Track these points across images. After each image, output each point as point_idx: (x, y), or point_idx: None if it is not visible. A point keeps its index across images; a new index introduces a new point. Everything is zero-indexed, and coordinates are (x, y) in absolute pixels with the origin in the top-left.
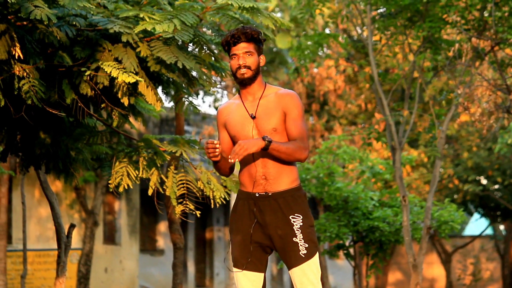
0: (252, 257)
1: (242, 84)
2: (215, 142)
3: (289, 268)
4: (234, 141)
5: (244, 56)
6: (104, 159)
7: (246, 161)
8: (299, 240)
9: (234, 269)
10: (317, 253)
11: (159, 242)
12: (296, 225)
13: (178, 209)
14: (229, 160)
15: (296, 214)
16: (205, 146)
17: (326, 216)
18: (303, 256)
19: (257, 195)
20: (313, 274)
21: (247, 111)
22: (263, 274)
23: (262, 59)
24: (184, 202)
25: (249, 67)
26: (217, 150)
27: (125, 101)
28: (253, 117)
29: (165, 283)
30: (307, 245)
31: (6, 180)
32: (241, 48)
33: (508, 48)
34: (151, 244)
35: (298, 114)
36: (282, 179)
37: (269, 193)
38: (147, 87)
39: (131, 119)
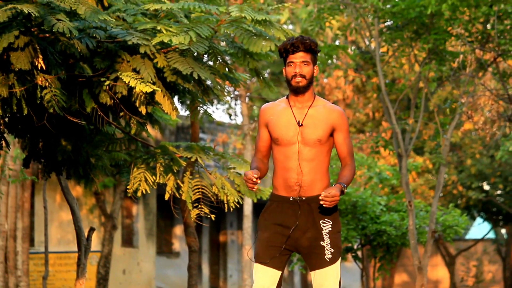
0: (274, 254)
1: (296, 91)
2: (255, 178)
3: (312, 269)
4: (275, 142)
5: (301, 65)
6: (122, 165)
7: (282, 167)
8: (326, 244)
9: (255, 264)
10: (340, 258)
11: (175, 245)
12: (325, 229)
13: (194, 213)
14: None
15: (326, 219)
16: (245, 179)
17: None
18: (328, 260)
19: (291, 199)
20: (333, 278)
21: (295, 117)
22: (281, 272)
23: (316, 70)
24: (200, 206)
25: (304, 76)
26: (256, 186)
27: (143, 109)
28: (300, 125)
29: (180, 285)
30: (332, 250)
31: (29, 185)
32: (299, 57)
33: (510, 59)
34: (167, 247)
35: (347, 131)
36: (315, 185)
37: (303, 198)
38: (164, 96)
39: (148, 127)
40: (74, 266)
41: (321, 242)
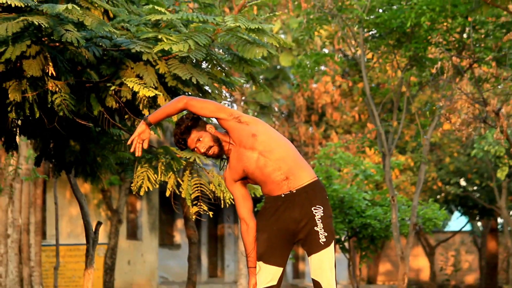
0: (276, 253)
1: (219, 157)
2: None
3: (309, 254)
4: (252, 179)
5: (199, 145)
6: (127, 164)
7: (266, 173)
8: (320, 229)
9: (259, 262)
10: (334, 241)
11: (176, 238)
12: (318, 215)
13: (193, 210)
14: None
15: (317, 206)
16: None
17: None
18: (323, 244)
19: (283, 196)
20: (329, 260)
21: (227, 160)
22: (282, 269)
23: (211, 128)
24: (199, 204)
25: (208, 148)
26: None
27: (146, 112)
28: (225, 164)
29: (181, 274)
30: (326, 234)
31: (40, 183)
32: (191, 142)
33: (485, 66)
34: (169, 239)
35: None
36: (301, 174)
37: (294, 191)
38: (165, 100)
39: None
40: (83, 257)
41: (315, 228)
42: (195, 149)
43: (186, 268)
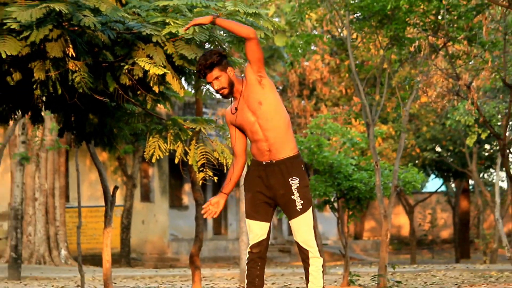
0: (260, 210)
1: (226, 98)
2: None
3: (289, 219)
4: (242, 130)
5: (215, 82)
6: (140, 135)
7: (253, 140)
8: (296, 198)
9: (246, 219)
10: (311, 208)
11: (184, 200)
12: (294, 185)
13: (200, 176)
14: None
15: (294, 177)
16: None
17: (316, 178)
18: (299, 210)
19: (264, 163)
20: (306, 225)
21: (236, 106)
22: (268, 223)
23: (231, 71)
24: (204, 170)
25: (221, 89)
26: (209, 212)
27: (156, 89)
28: (235, 111)
29: (189, 232)
30: (302, 202)
31: (63, 152)
32: (210, 77)
33: (457, 44)
34: (178, 201)
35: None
36: (283, 149)
37: (273, 161)
38: (173, 77)
39: (161, 103)
40: (102, 217)
41: (292, 196)
42: (210, 83)
43: (194, 226)
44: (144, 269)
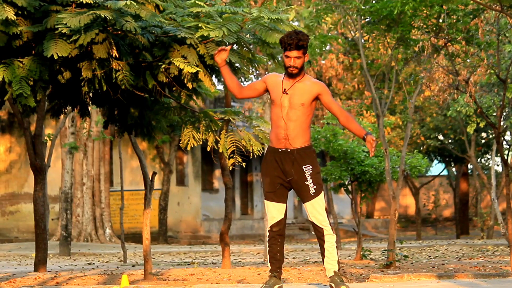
0: (277, 192)
1: (290, 76)
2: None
3: (303, 202)
4: (272, 103)
5: (295, 59)
6: (175, 126)
7: (274, 125)
8: (309, 183)
9: (265, 201)
10: (323, 192)
11: (215, 184)
12: (307, 172)
13: (230, 162)
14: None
15: (307, 165)
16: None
17: (331, 164)
18: (312, 194)
19: (280, 150)
20: (320, 207)
21: (282, 86)
22: (285, 204)
23: (307, 57)
24: (234, 156)
25: (296, 67)
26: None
27: (190, 85)
28: (285, 92)
29: (219, 212)
30: (315, 187)
31: (108, 142)
32: (292, 53)
33: (456, 44)
34: (210, 185)
35: (331, 95)
36: (298, 139)
37: (289, 149)
38: (205, 75)
39: (194, 98)
40: (142, 200)
41: (306, 182)
42: (288, 57)
43: (223, 207)
44: (179, 246)
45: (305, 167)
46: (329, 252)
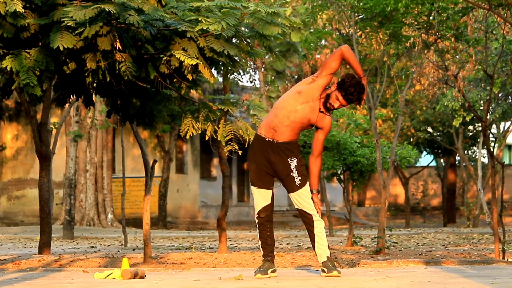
0: (263, 179)
1: (327, 110)
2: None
3: (289, 192)
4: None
5: (340, 106)
6: (176, 116)
7: (274, 113)
8: (295, 175)
9: (252, 187)
10: (308, 183)
11: (213, 172)
12: (292, 164)
13: (227, 149)
14: None
15: (292, 157)
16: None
17: (325, 154)
18: (298, 185)
19: (266, 140)
20: (306, 196)
21: (320, 105)
22: (271, 190)
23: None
24: (232, 144)
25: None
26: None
27: (190, 77)
28: (320, 112)
29: (217, 199)
30: (300, 178)
31: (111, 130)
32: (345, 104)
33: (446, 41)
34: (208, 173)
35: (327, 134)
36: (286, 134)
37: (275, 141)
38: (204, 67)
39: (199, 92)
40: (143, 186)
41: (291, 174)
42: (340, 105)
43: (221, 195)
44: (178, 231)
45: (290, 160)
46: (320, 238)
